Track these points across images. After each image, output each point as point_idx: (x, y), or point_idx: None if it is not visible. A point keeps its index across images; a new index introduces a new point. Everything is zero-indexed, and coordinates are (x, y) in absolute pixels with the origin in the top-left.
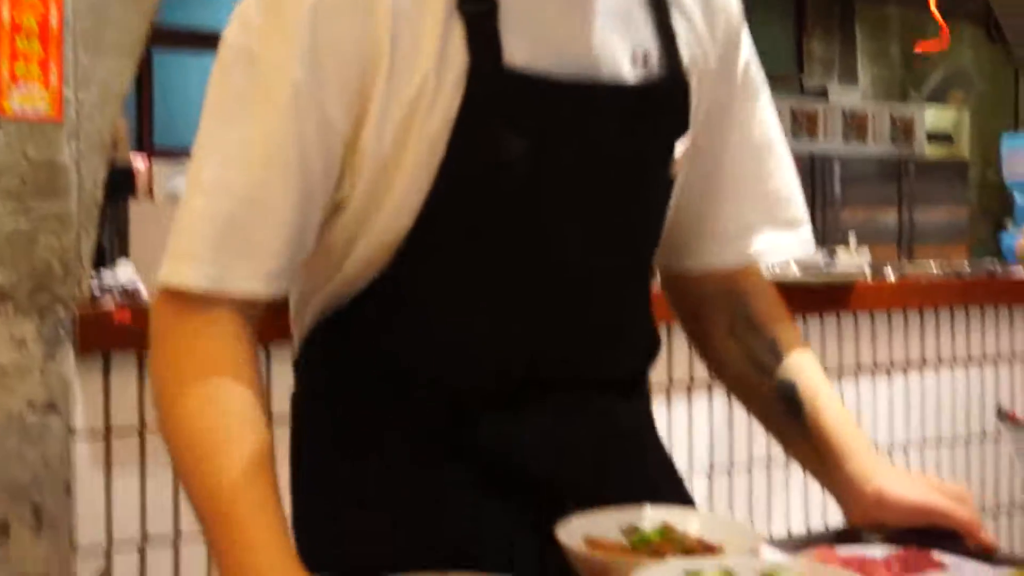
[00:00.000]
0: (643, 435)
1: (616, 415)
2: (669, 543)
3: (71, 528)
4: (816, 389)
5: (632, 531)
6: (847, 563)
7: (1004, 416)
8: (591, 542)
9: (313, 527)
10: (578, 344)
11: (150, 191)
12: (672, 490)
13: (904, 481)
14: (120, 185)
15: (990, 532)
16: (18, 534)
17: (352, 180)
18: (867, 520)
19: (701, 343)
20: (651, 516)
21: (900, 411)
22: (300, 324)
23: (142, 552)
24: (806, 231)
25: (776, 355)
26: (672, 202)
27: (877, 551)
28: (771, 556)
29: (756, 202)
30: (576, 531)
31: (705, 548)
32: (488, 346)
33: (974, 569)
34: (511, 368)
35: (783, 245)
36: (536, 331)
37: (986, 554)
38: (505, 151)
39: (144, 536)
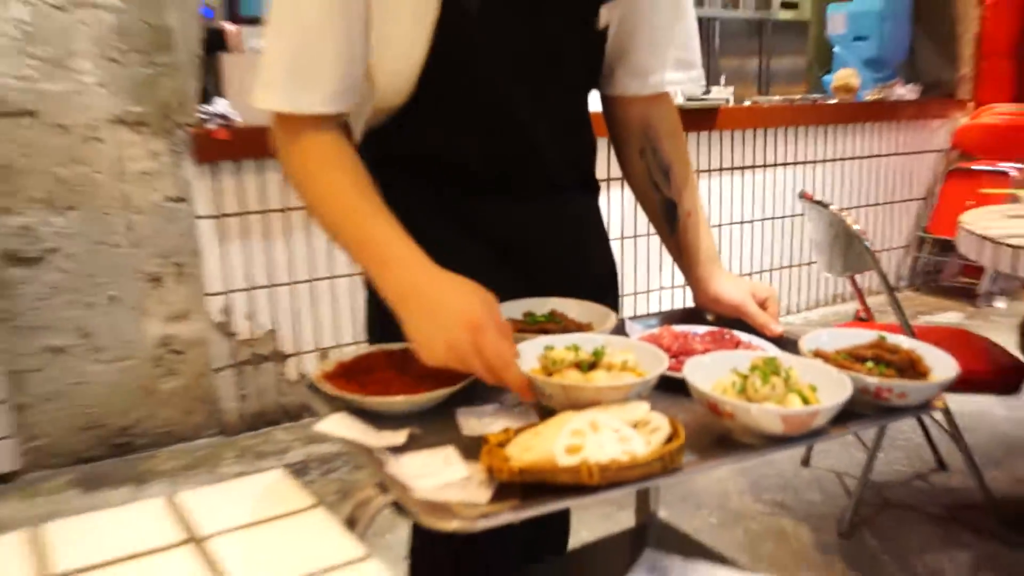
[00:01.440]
0: (593, 216)
1: (577, 202)
2: (552, 323)
3: (200, 278)
4: (689, 211)
5: (528, 314)
6: (677, 336)
7: (803, 196)
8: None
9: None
10: (543, 150)
11: (238, 48)
12: (604, 254)
13: (731, 285)
14: (215, 43)
15: (787, 282)
16: (167, 283)
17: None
18: (705, 308)
19: (620, 157)
20: (545, 304)
21: (748, 197)
22: (353, 136)
23: (247, 292)
24: (699, 73)
25: (667, 179)
26: (606, 45)
27: (701, 329)
28: (632, 328)
29: (666, 47)
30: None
31: (578, 327)
32: (473, 151)
33: (762, 343)
34: (493, 167)
35: (682, 81)
36: (503, 141)
37: (773, 339)
38: (471, 5)
39: (249, 283)
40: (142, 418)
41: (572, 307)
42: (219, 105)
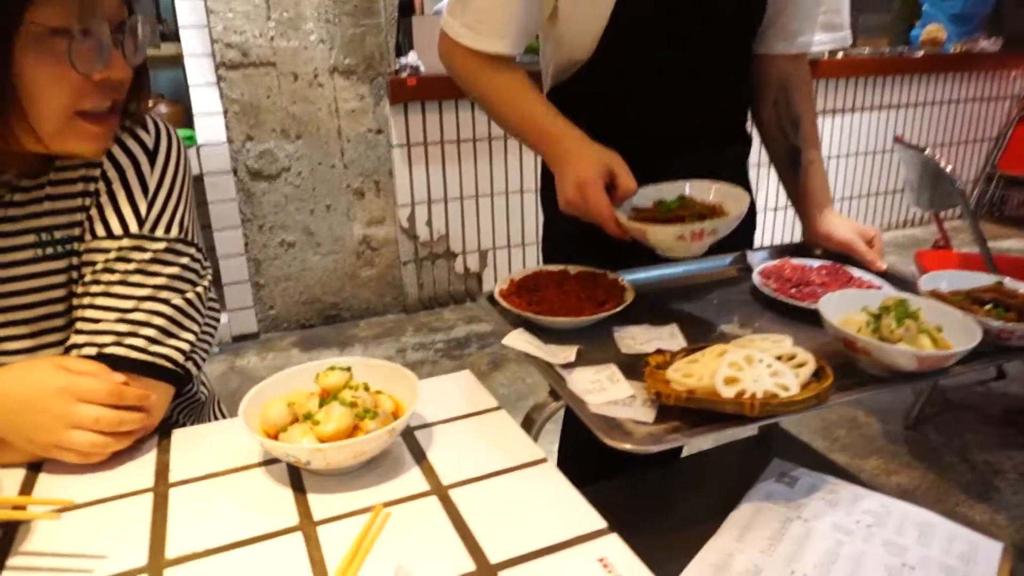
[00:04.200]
0: (741, 167)
1: (728, 153)
2: (684, 208)
3: (392, 193)
4: (811, 159)
5: (659, 203)
6: (796, 267)
7: (897, 140)
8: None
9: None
10: (705, 107)
11: (424, 11)
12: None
13: (841, 225)
14: (406, 8)
15: (863, 208)
16: (368, 196)
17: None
18: (815, 244)
19: (753, 103)
20: (677, 188)
21: (845, 136)
22: (543, 87)
23: (427, 204)
24: (846, 34)
25: (796, 128)
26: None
27: (815, 263)
28: (752, 259)
29: (817, 10)
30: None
31: (711, 210)
32: (642, 104)
33: (871, 278)
34: (659, 119)
35: (827, 42)
36: (670, 96)
37: (878, 273)
38: None
39: (429, 197)
40: (347, 297)
41: (705, 189)
42: (410, 57)
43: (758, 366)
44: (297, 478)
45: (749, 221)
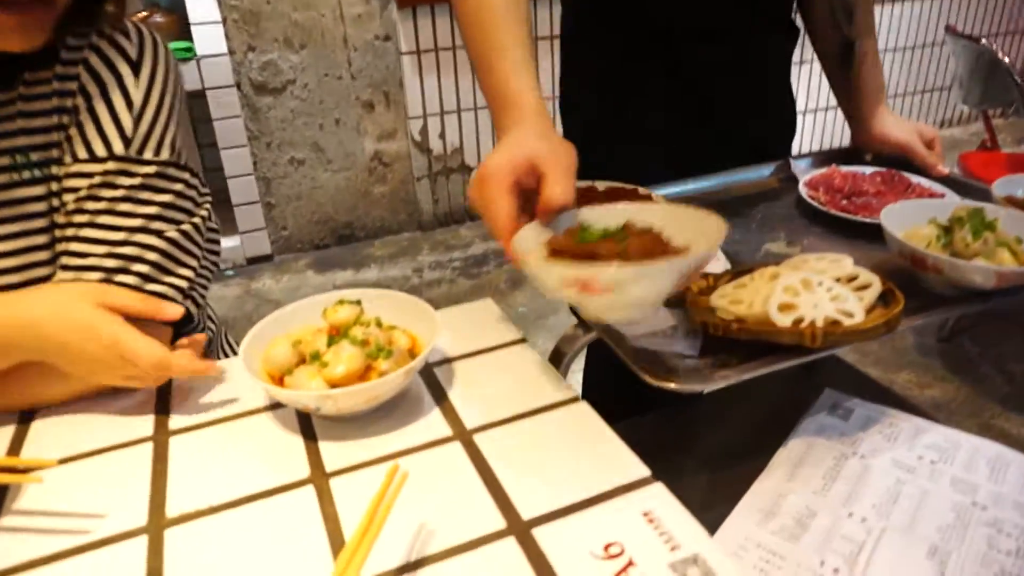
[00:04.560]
0: (782, 62)
1: (768, 45)
2: (614, 240)
3: (403, 104)
4: (866, 52)
5: (584, 228)
6: (846, 176)
7: (949, 29)
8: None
9: (568, 92)
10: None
11: None
12: (785, 101)
13: (897, 125)
14: None
15: (913, 108)
16: (378, 108)
17: None
18: (867, 147)
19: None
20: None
21: (895, 28)
22: None
23: (440, 115)
24: None
25: (851, 20)
26: None
27: (868, 170)
28: (797, 168)
29: None
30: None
31: (662, 247)
32: (670, 9)
33: (931, 184)
34: (689, 10)
35: None
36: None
37: (939, 178)
38: None
39: (441, 108)
40: (360, 215)
41: (678, 217)
42: None
43: (817, 290)
44: (307, 424)
45: (788, 124)
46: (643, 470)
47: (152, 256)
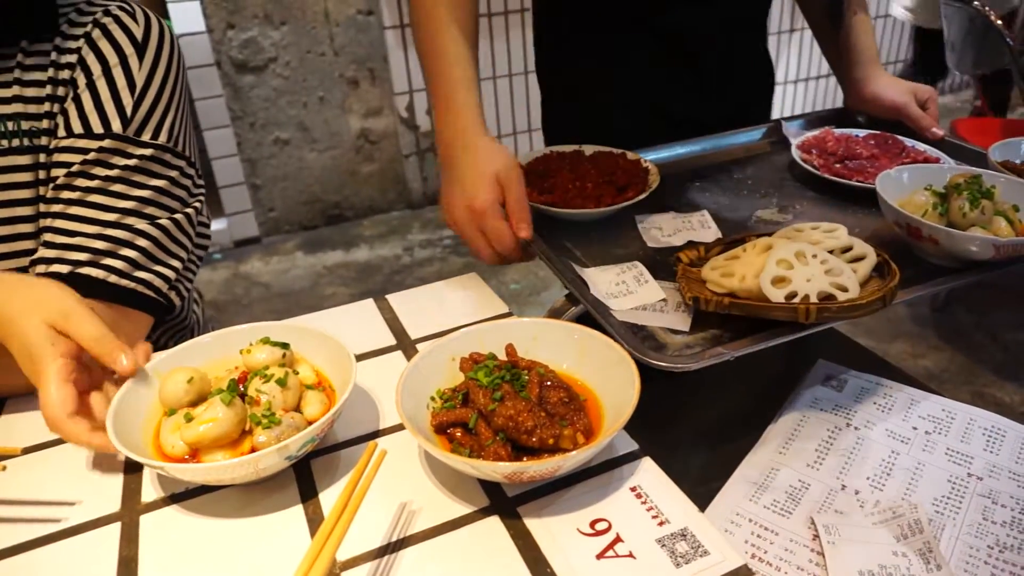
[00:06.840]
0: (760, 19)
1: (748, 4)
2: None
3: (389, 80)
4: (856, 11)
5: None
6: (840, 139)
7: None
8: None
9: (546, 57)
10: None
11: None
12: (763, 58)
13: (891, 85)
14: None
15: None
16: (363, 85)
17: None
18: (860, 109)
19: None
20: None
21: None
22: None
23: (427, 91)
24: None
25: None
26: None
27: (862, 132)
28: (788, 130)
29: None
30: None
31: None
32: None
33: (926, 148)
34: None
35: None
36: None
37: (934, 141)
38: None
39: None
40: (349, 195)
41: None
42: None
43: (811, 263)
44: None
45: (768, 86)
46: (631, 444)
47: (142, 242)
